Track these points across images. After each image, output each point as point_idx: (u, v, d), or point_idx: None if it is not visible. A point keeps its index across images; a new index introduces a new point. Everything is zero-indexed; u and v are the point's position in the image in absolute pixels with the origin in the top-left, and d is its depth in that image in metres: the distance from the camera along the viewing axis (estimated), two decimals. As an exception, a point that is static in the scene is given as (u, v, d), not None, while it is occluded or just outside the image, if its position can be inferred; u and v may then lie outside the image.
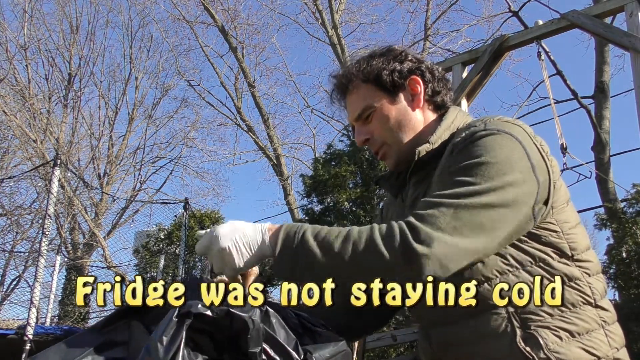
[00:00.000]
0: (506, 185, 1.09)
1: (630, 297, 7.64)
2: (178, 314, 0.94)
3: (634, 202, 8.49)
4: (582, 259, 1.17)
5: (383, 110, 1.29)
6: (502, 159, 1.10)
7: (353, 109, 1.33)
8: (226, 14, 17.01)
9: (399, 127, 1.29)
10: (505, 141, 1.13)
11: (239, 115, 17.42)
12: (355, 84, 1.32)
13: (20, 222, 14.88)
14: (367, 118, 1.31)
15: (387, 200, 1.52)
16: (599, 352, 1.12)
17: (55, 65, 18.09)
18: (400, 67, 1.30)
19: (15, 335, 6.10)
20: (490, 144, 1.12)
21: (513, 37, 5.40)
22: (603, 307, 1.17)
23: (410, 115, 1.30)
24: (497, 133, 1.14)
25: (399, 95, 1.30)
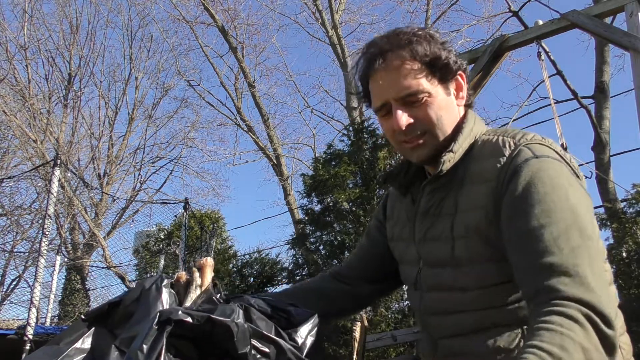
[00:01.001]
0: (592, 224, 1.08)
1: (630, 297, 7.64)
2: (158, 321, 0.94)
3: (634, 202, 8.48)
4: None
5: (438, 99, 1.20)
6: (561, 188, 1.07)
7: (401, 85, 1.18)
8: (226, 14, 17.02)
9: (447, 120, 1.21)
10: (556, 169, 1.11)
11: (239, 115, 17.42)
12: (410, 61, 1.18)
13: (20, 222, 14.89)
14: (414, 102, 1.18)
15: (392, 196, 1.45)
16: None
17: (55, 65, 18.11)
18: (454, 57, 1.23)
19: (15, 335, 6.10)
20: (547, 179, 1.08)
21: (513, 37, 5.40)
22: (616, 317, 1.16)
23: (456, 110, 1.24)
24: (544, 160, 1.10)
25: (449, 87, 1.23)
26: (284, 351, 1.00)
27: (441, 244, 1.20)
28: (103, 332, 1.08)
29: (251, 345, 0.98)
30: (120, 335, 1.05)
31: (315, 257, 9.61)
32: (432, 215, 1.24)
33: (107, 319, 1.10)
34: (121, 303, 1.11)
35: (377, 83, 1.21)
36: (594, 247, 1.02)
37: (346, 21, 17.07)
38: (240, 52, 16.92)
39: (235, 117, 17.74)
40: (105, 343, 1.04)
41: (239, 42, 17.14)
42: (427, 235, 1.24)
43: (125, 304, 1.11)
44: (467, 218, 1.15)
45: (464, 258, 1.15)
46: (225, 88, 17.53)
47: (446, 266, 1.19)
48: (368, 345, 6.84)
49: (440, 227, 1.21)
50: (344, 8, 16.81)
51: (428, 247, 1.24)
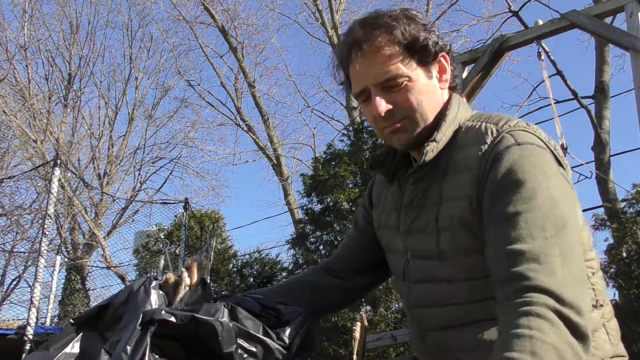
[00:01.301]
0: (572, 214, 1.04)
1: (630, 297, 7.64)
2: (142, 322, 0.94)
3: (634, 202, 8.48)
4: (588, 257, 1.14)
5: (419, 82, 1.16)
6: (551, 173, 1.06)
7: (379, 70, 1.15)
8: (226, 14, 17.02)
9: (428, 104, 1.17)
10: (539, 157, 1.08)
11: (239, 115, 17.43)
12: (388, 45, 1.14)
13: (20, 222, 14.90)
14: (394, 87, 1.15)
15: (378, 183, 1.42)
16: (602, 352, 1.11)
17: (55, 65, 18.12)
18: (436, 38, 1.18)
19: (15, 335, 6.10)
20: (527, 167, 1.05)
21: (513, 37, 5.40)
22: (604, 304, 1.16)
23: (438, 94, 1.20)
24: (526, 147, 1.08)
25: (431, 70, 1.19)
26: (271, 350, 0.99)
27: (426, 235, 1.18)
28: (93, 335, 1.08)
29: (237, 344, 0.97)
30: (110, 338, 1.04)
31: (315, 257, 9.61)
32: (416, 206, 1.22)
33: (96, 322, 1.10)
34: (110, 306, 1.11)
35: (356, 69, 1.18)
36: (570, 238, 0.99)
37: (346, 21, 17.05)
38: (240, 52, 16.93)
39: (235, 117, 17.76)
40: (95, 347, 1.04)
41: (239, 42, 17.16)
42: (411, 227, 1.22)
43: (114, 307, 1.10)
44: (452, 208, 1.14)
45: (449, 250, 1.14)
46: (225, 88, 17.55)
47: (432, 258, 1.17)
48: (368, 345, 6.84)
49: (425, 218, 1.19)
50: (344, 8, 16.83)
51: (413, 239, 1.22)
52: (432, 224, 1.16)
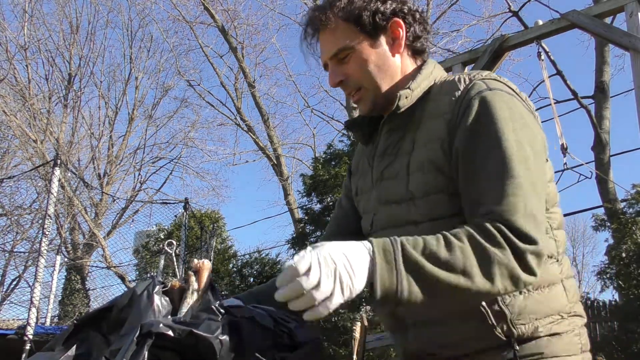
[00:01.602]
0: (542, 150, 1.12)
1: (630, 297, 7.64)
2: (139, 334, 0.93)
3: (634, 203, 8.48)
4: (551, 211, 1.18)
5: (362, 52, 1.22)
6: (511, 116, 1.11)
7: (328, 47, 1.25)
8: (226, 14, 17.02)
9: (377, 72, 1.23)
10: (508, 101, 1.14)
11: (239, 115, 17.43)
12: (333, 21, 1.23)
13: (20, 222, 14.89)
14: (344, 59, 1.23)
15: (357, 153, 1.45)
16: (557, 305, 1.13)
17: (55, 65, 18.11)
18: (383, 7, 1.23)
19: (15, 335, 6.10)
20: (496, 107, 1.12)
21: (513, 37, 5.40)
22: (563, 261, 1.18)
23: (390, 60, 1.25)
24: (496, 92, 1.14)
25: (379, 38, 1.24)
26: None
27: (397, 181, 1.20)
28: (97, 337, 1.07)
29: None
30: (112, 342, 1.03)
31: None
32: (389, 155, 1.24)
33: (100, 323, 1.09)
34: (114, 307, 1.09)
35: (320, 48, 1.28)
36: (533, 179, 1.05)
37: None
38: (240, 52, 16.93)
39: (235, 117, 17.76)
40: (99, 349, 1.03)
41: (239, 42, 17.16)
42: (383, 174, 1.24)
43: (118, 309, 1.09)
44: (423, 152, 1.17)
45: (417, 190, 1.16)
46: (225, 88, 17.55)
47: (400, 202, 1.19)
48: (368, 345, 6.84)
49: (397, 165, 1.21)
50: (344, 8, 16.79)
51: (384, 186, 1.23)
52: (404, 170, 1.19)
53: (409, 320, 1.19)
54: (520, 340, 1.10)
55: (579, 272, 29.42)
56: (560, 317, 1.13)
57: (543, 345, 1.11)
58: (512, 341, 1.09)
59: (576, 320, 1.17)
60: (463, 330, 1.12)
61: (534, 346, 1.10)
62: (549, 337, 1.11)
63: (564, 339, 1.13)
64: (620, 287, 7.94)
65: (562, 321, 1.14)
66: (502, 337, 1.08)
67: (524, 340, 1.10)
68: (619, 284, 7.90)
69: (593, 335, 8.68)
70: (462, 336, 1.12)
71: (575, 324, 1.16)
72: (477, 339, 1.11)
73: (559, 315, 1.13)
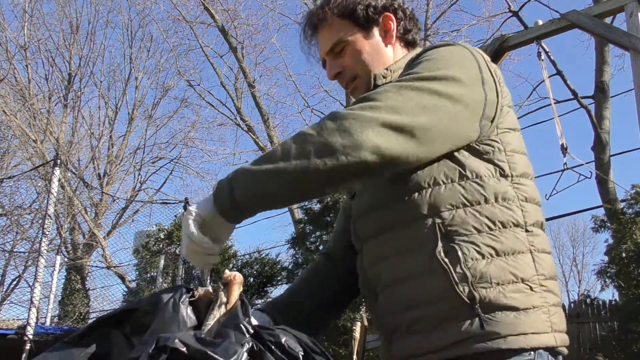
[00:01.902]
0: (453, 79, 1.12)
1: (630, 297, 7.64)
2: (155, 346, 0.93)
3: (633, 203, 8.48)
4: (519, 182, 1.19)
5: (356, 44, 1.31)
6: (452, 58, 1.16)
7: (325, 42, 1.34)
8: (226, 14, 17.01)
9: (371, 61, 1.31)
10: (459, 49, 1.19)
11: (239, 115, 17.41)
12: (329, 18, 1.33)
13: (20, 222, 14.89)
14: (340, 52, 1.33)
15: None
16: (523, 275, 1.11)
17: (55, 65, 18.11)
18: (374, 2, 1.33)
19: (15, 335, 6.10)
20: (443, 50, 1.18)
21: (513, 37, 5.40)
22: (535, 233, 1.17)
23: (383, 50, 1.33)
24: (452, 44, 1.21)
25: (372, 31, 1.33)
26: None
27: None
28: (119, 336, 1.06)
29: None
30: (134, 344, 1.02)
31: (315, 256, 9.61)
32: None
33: (123, 323, 1.07)
34: (138, 310, 1.08)
35: (318, 46, 1.38)
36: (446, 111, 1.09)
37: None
38: (240, 52, 16.92)
39: (235, 117, 17.74)
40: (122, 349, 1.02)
41: (239, 42, 17.15)
42: None
43: (142, 312, 1.07)
44: None
45: None
46: (225, 88, 17.54)
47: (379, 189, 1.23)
48: (368, 345, 6.84)
49: None
50: (344, 8, 16.78)
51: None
52: None
53: (378, 287, 1.22)
54: (484, 308, 1.08)
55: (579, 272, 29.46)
56: (529, 288, 1.11)
57: (509, 320, 1.08)
58: (474, 306, 1.08)
59: (548, 297, 1.13)
60: (427, 288, 1.12)
61: (498, 321, 1.08)
62: (515, 313, 1.08)
63: (531, 316, 1.09)
64: (620, 287, 7.94)
65: (532, 295, 1.11)
66: (464, 297, 1.08)
67: (488, 308, 1.08)
68: (619, 283, 7.90)
69: (593, 335, 8.69)
70: (427, 295, 1.12)
71: (547, 301, 1.13)
72: (441, 299, 1.10)
73: (525, 284, 1.11)
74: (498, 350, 1.06)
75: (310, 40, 1.38)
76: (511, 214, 1.15)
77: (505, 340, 1.06)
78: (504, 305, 1.08)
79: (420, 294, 1.13)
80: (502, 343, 1.06)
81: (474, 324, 1.08)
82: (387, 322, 1.22)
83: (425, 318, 1.13)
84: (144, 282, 13.83)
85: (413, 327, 1.15)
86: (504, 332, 1.07)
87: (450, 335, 1.09)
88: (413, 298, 1.14)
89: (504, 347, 1.06)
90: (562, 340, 1.13)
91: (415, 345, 1.14)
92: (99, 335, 1.07)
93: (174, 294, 1.05)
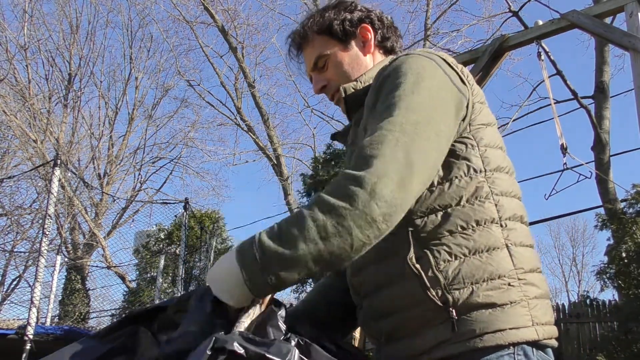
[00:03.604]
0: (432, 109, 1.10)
1: (630, 297, 7.64)
2: (212, 347, 0.92)
3: (634, 203, 8.48)
4: (494, 177, 1.18)
5: (337, 56, 1.36)
6: (416, 71, 1.15)
7: (309, 59, 1.40)
8: (226, 14, 17.00)
9: (351, 71, 1.36)
10: (420, 60, 1.18)
11: (239, 115, 17.41)
12: (310, 37, 1.39)
13: (20, 222, 14.88)
14: (323, 67, 1.38)
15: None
16: (499, 271, 1.10)
17: (55, 65, 18.11)
18: (350, 16, 1.38)
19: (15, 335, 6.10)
20: (406, 66, 1.16)
21: (513, 37, 5.40)
22: (511, 227, 1.16)
23: (362, 59, 1.37)
24: (412, 56, 1.20)
25: (350, 43, 1.38)
26: None
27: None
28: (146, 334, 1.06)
29: None
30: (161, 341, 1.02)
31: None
32: (353, 145, 1.32)
33: (152, 320, 1.08)
34: (168, 309, 1.08)
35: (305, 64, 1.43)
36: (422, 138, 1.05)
37: (346, 21, 17.00)
38: (240, 52, 16.92)
39: (235, 117, 17.75)
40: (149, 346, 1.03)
41: (239, 42, 17.14)
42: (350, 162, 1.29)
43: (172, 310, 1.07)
44: (361, 125, 1.25)
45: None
46: (225, 88, 17.54)
47: None
48: (368, 345, 6.84)
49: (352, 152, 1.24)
50: (344, 8, 16.76)
51: None
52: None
53: (362, 295, 1.24)
54: (459, 309, 1.08)
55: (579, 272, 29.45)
56: (506, 284, 1.09)
57: (484, 318, 1.07)
58: (449, 309, 1.08)
59: (528, 290, 1.11)
60: (402, 294, 1.12)
61: (474, 320, 1.07)
62: (490, 310, 1.07)
63: (507, 311, 1.08)
64: (620, 287, 7.94)
65: (509, 289, 1.09)
66: (437, 301, 1.08)
67: (462, 309, 1.08)
68: (619, 284, 7.90)
69: (593, 335, 8.69)
70: (403, 302, 1.13)
71: (526, 294, 1.11)
72: (415, 305, 1.11)
73: (501, 280, 1.10)
74: (475, 349, 1.06)
75: (299, 59, 1.44)
76: (484, 211, 1.14)
77: (482, 339, 1.06)
78: (479, 303, 1.08)
79: (397, 301, 1.14)
80: (478, 342, 1.06)
81: (449, 326, 1.08)
82: (372, 329, 1.23)
83: (403, 324, 1.14)
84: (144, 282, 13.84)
85: (394, 334, 1.16)
86: (479, 331, 1.06)
87: (429, 339, 1.10)
88: (391, 305, 1.15)
89: (479, 346, 1.05)
90: (547, 333, 1.12)
91: (401, 350, 1.15)
92: (128, 331, 1.07)
93: (204, 294, 1.05)
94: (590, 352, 8.13)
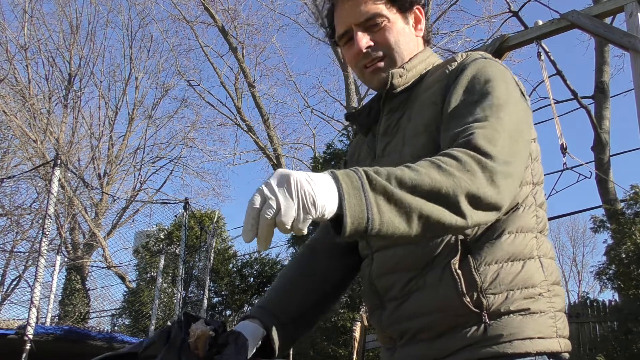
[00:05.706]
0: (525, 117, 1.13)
1: (630, 298, 7.64)
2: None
3: (633, 203, 8.48)
4: (537, 189, 1.20)
5: (396, 24, 1.27)
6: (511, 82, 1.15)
7: (361, 10, 1.24)
8: (226, 14, 17.01)
9: (404, 46, 1.27)
10: (503, 70, 1.18)
11: (239, 115, 17.42)
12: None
13: (20, 222, 14.88)
14: (373, 27, 1.25)
15: (351, 147, 1.47)
16: (533, 280, 1.12)
17: (55, 65, 18.11)
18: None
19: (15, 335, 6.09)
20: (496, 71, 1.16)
21: (513, 37, 5.40)
22: (542, 239, 1.18)
23: (413, 39, 1.31)
24: (495, 63, 1.19)
25: (408, 18, 1.31)
26: None
27: (395, 155, 1.22)
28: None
29: None
30: None
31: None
32: (389, 134, 1.27)
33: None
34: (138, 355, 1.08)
35: (340, 12, 1.28)
36: (518, 136, 1.06)
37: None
38: (240, 52, 16.92)
39: (235, 117, 17.75)
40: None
41: (239, 42, 17.15)
42: (385, 151, 1.26)
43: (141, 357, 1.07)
44: (418, 120, 1.20)
45: (410, 155, 1.16)
46: (225, 88, 17.54)
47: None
48: (368, 345, 6.84)
49: (396, 141, 1.24)
50: (344, 8, 16.76)
51: (384, 162, 1.23)
52: (400, 142, 1.22)
53: (388, 298, 1.20)
54: (491, 314, 1.08)
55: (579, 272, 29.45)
56: (538, 294, 1.11)
57: (515, 324, 1.08)
58: (482, 313, 1.07)
59: (555, 302, 1.13)
60: (436, 296, 1.11)
61: (504, 325, 1.07)
62: (521, 317, 1.08)
63: (537, 320, 1.09)
64: (620, 287, 7.94)
65: (539, 299, 1.11)
66: (471, 306, 1.07)
67: (495, 315, 1.08)
68: (618, 284, 7.90)
69: (593, 335, 8.69)
70: (436, 303, 1.11)
71: (553, 306, 1.13)
72: (448, 307, 1.09)
73: (533, 289, 1.11)
74: (504, 354, 1.06)
75: (332, 4, 1.30)
76: (528, 221, 1.15)
77: (512, 345, 1.07)
78: (511, 310, 1.09)
79: (430, 303, 1.13)
80: (508, 347, 1.06)
81: (479, 329, 1.08)
82: (393, 330, 1.20)
83: (431, 326, 1.13)
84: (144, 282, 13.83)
85: (419, 335, 1.15)
86: (509, 337, 1.07)
87: (456, 341, 1.09)
88: (421, 308, 1.14)
89: (509, 352, 1.06)
90: (566, 346, 1.14)
91: (419, 352, 1.14)
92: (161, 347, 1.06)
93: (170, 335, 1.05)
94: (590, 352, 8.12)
